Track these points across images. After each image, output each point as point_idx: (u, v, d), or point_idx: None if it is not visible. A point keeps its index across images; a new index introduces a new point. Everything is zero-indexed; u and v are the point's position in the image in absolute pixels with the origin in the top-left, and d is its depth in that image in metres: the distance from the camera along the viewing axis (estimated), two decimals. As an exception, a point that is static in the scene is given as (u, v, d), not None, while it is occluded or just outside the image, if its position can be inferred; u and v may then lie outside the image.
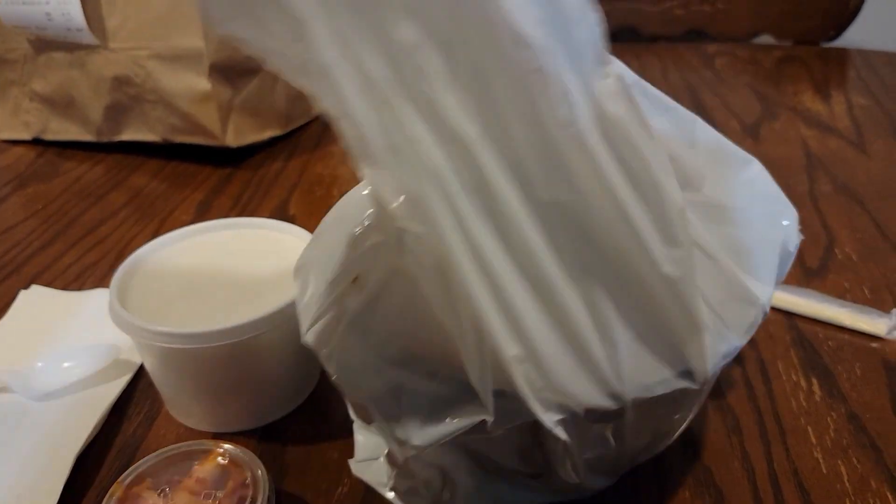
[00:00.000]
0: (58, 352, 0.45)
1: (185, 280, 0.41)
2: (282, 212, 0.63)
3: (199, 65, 0.65)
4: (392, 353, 0.29)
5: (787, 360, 0.45)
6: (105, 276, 0.54)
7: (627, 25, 0.98)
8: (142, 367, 0.44)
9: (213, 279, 0.41)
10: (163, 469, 0.34)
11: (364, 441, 0.36)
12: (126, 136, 0.72)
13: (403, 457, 0.30)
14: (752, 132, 0.74)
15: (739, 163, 0.35)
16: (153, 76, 0.66)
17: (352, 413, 0.34)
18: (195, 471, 0.34)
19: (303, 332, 0.30)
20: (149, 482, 0.33)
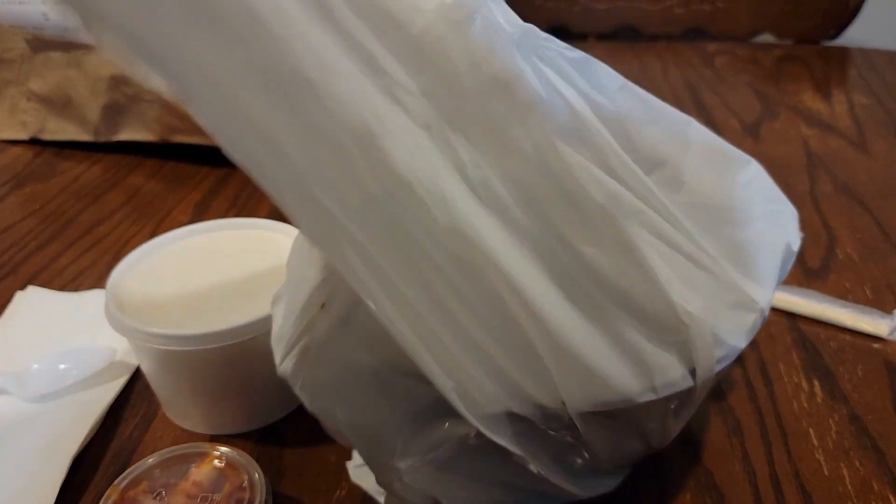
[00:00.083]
0: (54, 353, 0.44)
1: (183, 281, 0.40)
2: (279, 212, 0.63)
3: None
4: (365, 377, 0.29)
5: (789, 361, 0.44)
6: (102, 277, 0.54)
7: (628, 24, 0.97)
8: (138, 370, 0.44)
9: (211, 280, 0.40)
10: (159, 472, 0.34)
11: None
12: (124, 136, 0.71)
13: (388, 480, 0.29)
14: (753, 131, 0.73)
15: (737, 163, 0.34)
16: (151, 76, 0.66)
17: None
18: (192, 474, 0.34)
19: (277, 365, 0.30)
20: (145, 485, 0.33)
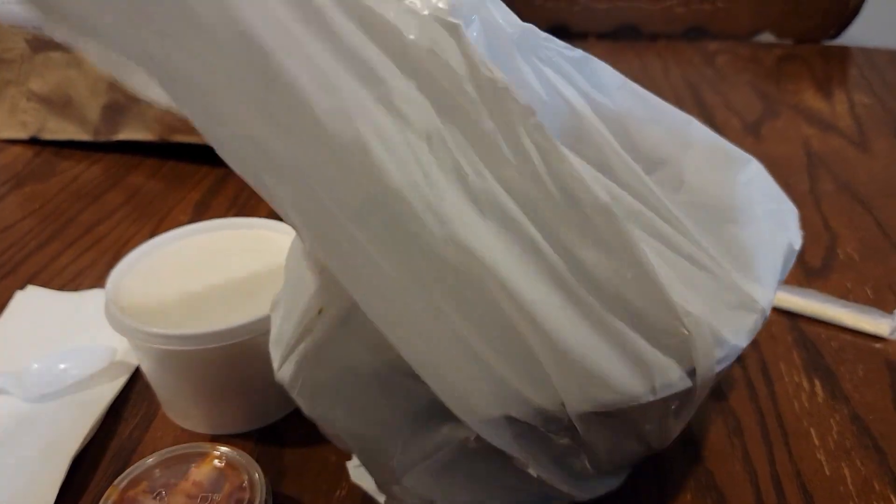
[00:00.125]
0: (54, 353, 0.44)
1: (183, 280, 0.40)
2: (280, 211, 0.63)
3: None
4: (363, 380, 0.29)
5: (790, 361, 0.44)
6: (102, 276, 0.54)
7: (628, 24, 0.97)
8: (138, 369, 0.44)
9: (211, 280, 0.40)
10: (159, 472, 0.34)
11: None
12: (123, 136, 0.71)
13: (387, 484, 0.29)
14: (754, 131, 0.73)
15: (738, 162, 0.34)
16: (151, 75, 0.66)
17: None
18: (192, 474, 0.33)
19: (276, 370, 0.30)
20: (145, 485, 0.33)
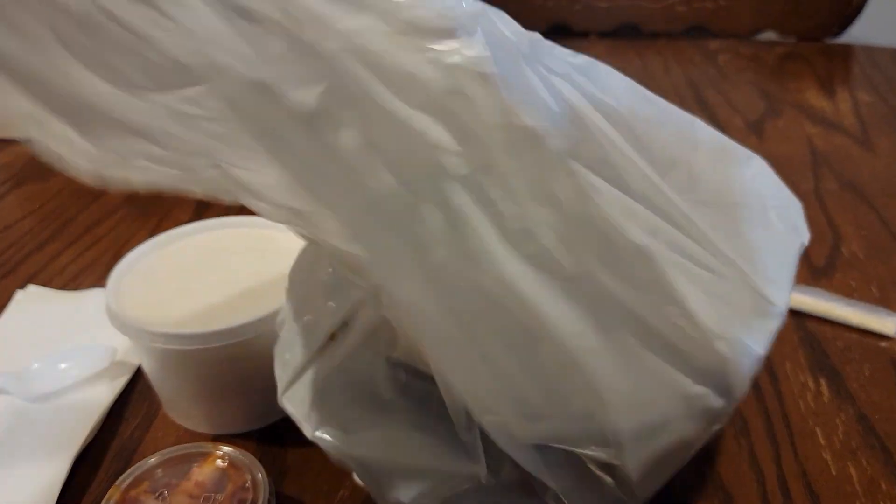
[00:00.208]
0: (54, 353, 0.44)
1: (184, 280, 0.40)
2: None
3: None
4: (373, 411, 0.28)
5: (795, 361, 0.44)
6: (103, 276, 0.53)
7: (629, 23, 0.97)
8: (139, 369, 0.44)
9: (212, 279, 0.40)
10: (161, 472, 0.33)
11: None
12: (124, 135, 0.71)
13: None
14: (756, 129, 0.73)
15: (742, 160, 0.34)
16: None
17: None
18: (194, 474, 0.33)
19: (280, 394, 0.29)
20: (147, 485, 0.33)
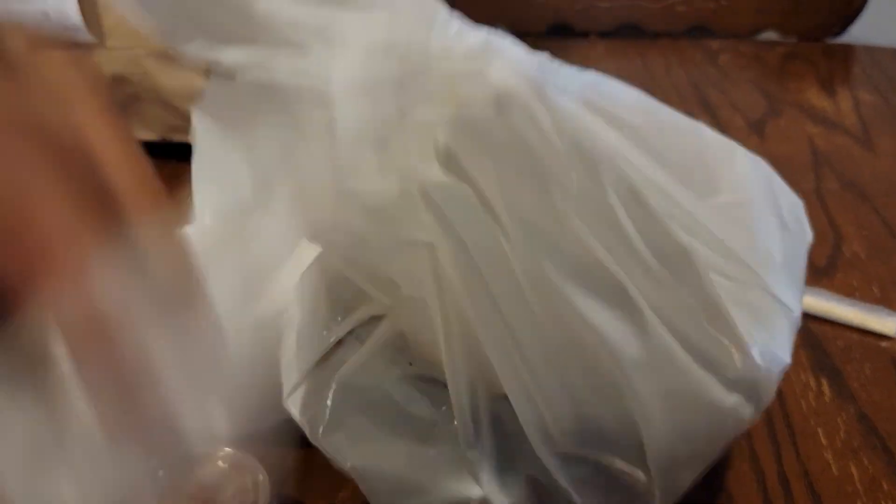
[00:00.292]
0: (56, 354, 0.44)
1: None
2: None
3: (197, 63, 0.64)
4: (377, 420, 0.28)
5: (796, 360, 0.44)
6: (104, 277, 0.54)
7: (630, 23, 0.97)
8: (141, 370, 0.43)
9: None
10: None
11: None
12: (125, 136, 0.71)
13: None
14: (757, 129, 0.73)
15: (744, 161, 0.34)
16: (151, 75, 0.66)
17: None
18: (195, 475, 0.33)
19: (284, 397, 0.30)
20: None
